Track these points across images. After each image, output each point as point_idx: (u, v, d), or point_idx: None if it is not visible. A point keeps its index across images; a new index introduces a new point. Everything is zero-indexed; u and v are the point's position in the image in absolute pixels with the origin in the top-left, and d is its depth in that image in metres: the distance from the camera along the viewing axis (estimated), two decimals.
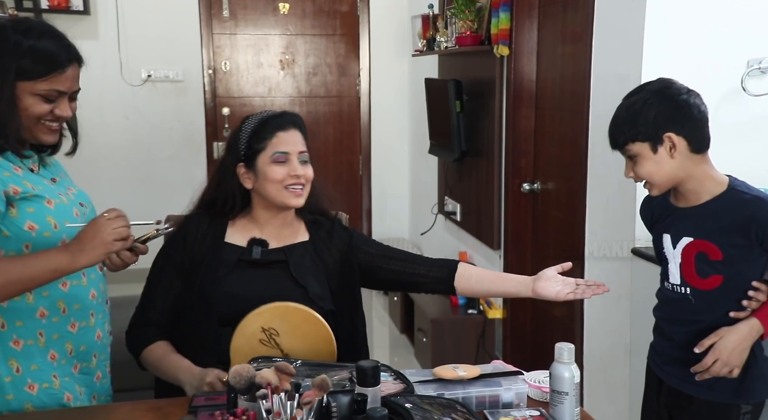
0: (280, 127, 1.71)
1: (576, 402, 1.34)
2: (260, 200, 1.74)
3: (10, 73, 1.38)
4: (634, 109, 1.53)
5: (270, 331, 1.56)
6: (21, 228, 1.40)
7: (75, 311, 1.50)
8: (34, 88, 1.40)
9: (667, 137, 1.51)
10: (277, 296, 1.66)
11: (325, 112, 5.01)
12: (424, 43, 4.10)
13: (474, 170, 3.66)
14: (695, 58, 2.17)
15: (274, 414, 1.12)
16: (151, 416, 1.39)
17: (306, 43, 4.95)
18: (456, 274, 1.79)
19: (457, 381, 1.43)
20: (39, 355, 1.46)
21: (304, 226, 1.81)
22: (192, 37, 4.73)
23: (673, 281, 1.60)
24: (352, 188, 5.11)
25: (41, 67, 1.40)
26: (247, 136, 1.71)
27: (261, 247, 1.72)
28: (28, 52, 1.39)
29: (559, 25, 2.96)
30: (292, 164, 1.69)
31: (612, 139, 1.59)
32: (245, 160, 1.71)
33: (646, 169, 1.54)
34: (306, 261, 1.74)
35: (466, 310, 3.53)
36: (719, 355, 1.51)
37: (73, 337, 1.51)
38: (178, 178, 4.80)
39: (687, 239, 1.57)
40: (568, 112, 2.87)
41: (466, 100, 3.55)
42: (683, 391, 1.61)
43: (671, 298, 1.62)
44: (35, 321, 1.45)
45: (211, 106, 4.84)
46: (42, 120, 1.44)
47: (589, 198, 2.60)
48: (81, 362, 1.54)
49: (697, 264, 1.55)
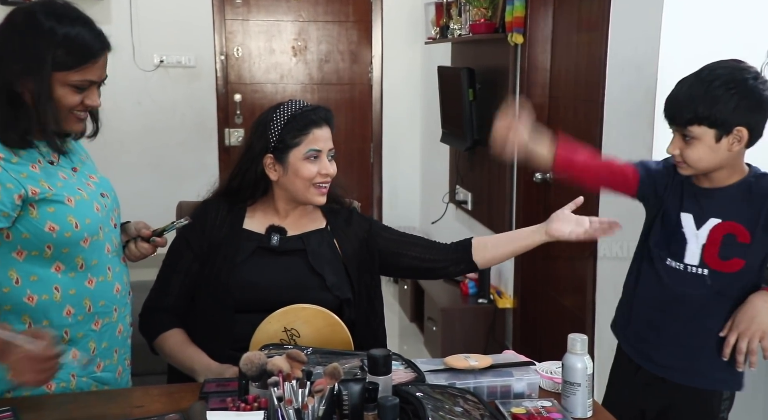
0: (315, 124, 1.68)
1: (588, 393, 1.34)
2: (282, 193, 1.73)
3: (46, 63, 1.34)
4: (715, 94, 1.44)
5: (292, 331, 1.56)
6: (41, 229, 1.38)
7: (100, 308, 1.49)
8: (68, 79, 1.37)
9: (737, 130, 1.46)
10: (295, 284, 1.66)
11: (337, 100, 4.99)
12: (437, 31, 4.07)
13: (486, 159, 3.64)
14: (713, 47, 2.13)
15: (286, 401, 1.12)
16: (163, 401, 1.39)
17: (318, 30, 4.92)
18: (472, 249, 1.79)
19: (469, 371, 1.43)
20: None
21: (321, 213, 1.81)
22: (204, 23, 4.72)
23: (689, 261, 1.56)
24: (363, 176, 5.10)
25: (76, 58, 1.37)
26: (281, 128, 1.68)
27: (279, 235, 1.71)
28: (63, 41, 1.35)
29: (575, 12, 2.92)
30: (322, 162, 1.69)
31: (674, 114, 1.51)
32: (275, 152, 1.68)
33: (698, 154, 1.48)
34: (323, 249, 1.74)
35: (477, 299, 3.53)
36: (736, 328, 1.48)
37: (96, 335, 1.50)
38: (190, 163, 4.80)
39: (715, 221, 1.53)
40: (582, 101, 2.84)
41: (478, 89, 3.52)
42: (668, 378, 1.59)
43: (679, 279, 1.57)
44: (62, 319, 1.44)
45: (223, 93, 4.83)
46: (72, 110, 1.41)
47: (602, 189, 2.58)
48: (104, 360, 1.53)
49: (722, 246, 1.51)
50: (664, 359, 1.59)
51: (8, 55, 1.35)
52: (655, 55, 2.19)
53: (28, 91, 1.36)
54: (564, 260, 3.08)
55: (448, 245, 1.84)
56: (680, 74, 2.21)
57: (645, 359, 1.63)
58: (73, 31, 1.37)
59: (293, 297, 1.61)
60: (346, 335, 1.59)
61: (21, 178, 1.37)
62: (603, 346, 2.56)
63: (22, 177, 1.37)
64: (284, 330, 1.56)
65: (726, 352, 1.50)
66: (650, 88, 2.23)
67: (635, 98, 2.34)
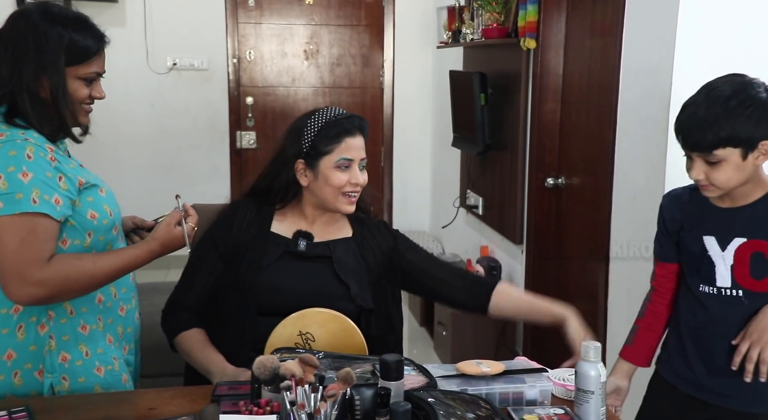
0: (348, 133, 1.68)
1: (602, 401, 1.33)
2: (311, 198, 1.73)
3: (60, 61, 1.41)
4: (735, 114, 1.40)
5: (307, 335, 1.57)
6: (85, 217, 1.45)
7: (123, 295, 1.57)
8: (78, 73, 1.45)
9: (762, 144, 1.42)
10: (319, 291, 1.66)
11: (348, 103, 5.00)
12: (449, 35, 4.06)
13: (497, 164, 3.64)
14: (729, 53, 2.12)
15: (298, 405, 1.12)
16: (176, 403, 1.40)
17: (330, 34, 4.93)
18: (493, 292, 1.78)
19: (481, 377, 1.42)
20: (101, 338, 1.52)
21: (348, 222, 1.81)
22: (217, 26, 4.75)
23: (721, 284, 1.51)
24: (374, 180, 5.04)
25: (84, 52, 1.45)
26: (314, 134, 1.68)
27: (306, 241, 1.71)
28: (71, 39, 1.43)
29: (588, 17, 2.91)
30: (353, 171, 1.69)
31: (697, 141, 1.44)
32: (306, 158, 1.69)
33: (727, 175, 1.44)
34: (349, 257, 1.74)
35: None
36: (748, 337, 1.45)
37: (122, 320, 1.58)
38: (202, 166, 4.83)
39: (740, 240, 1.49)
40: (595, 107, 2.83)
41: (490, 93, 3.52)
42: (722, 405, 1.54)
43: (716, 303, 1.53)
44: (95, 306, 1.51)
45: (235, 95, 4.85)
46: (82, 103, 1.49)
47: (615, 194, 2.57)
48: (128, 344, 1.61)
49: (753, 265, 1.48)
50: (717, 386, 1.54)
51: (23, 59, 1.41)
52: (669, 60, 2.18)
53: (44, 89, 1.42)
54: (576, 261, 3.07)
55: (472, 275, 1.86)
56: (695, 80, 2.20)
57: (706, 392, 1.57)
58: (77, 29, 1.45)
59: (316, 303, 1.61)
60: (361, 340, 1.59)
61: (70, 168, 1.44)
62: (615, 353, 2.55)
63: (71, 167, 1.45)
64: (299, 334, 1.56)
65: (736, 361, 1.47)
66: (664, 94, 2.22)
67: (649, 104, 2.33)
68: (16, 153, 1.35)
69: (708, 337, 1.55)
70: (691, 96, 1.49)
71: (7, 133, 1.38)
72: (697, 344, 1.57)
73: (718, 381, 1.53)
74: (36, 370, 1.45)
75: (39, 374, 1.45)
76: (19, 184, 1.33)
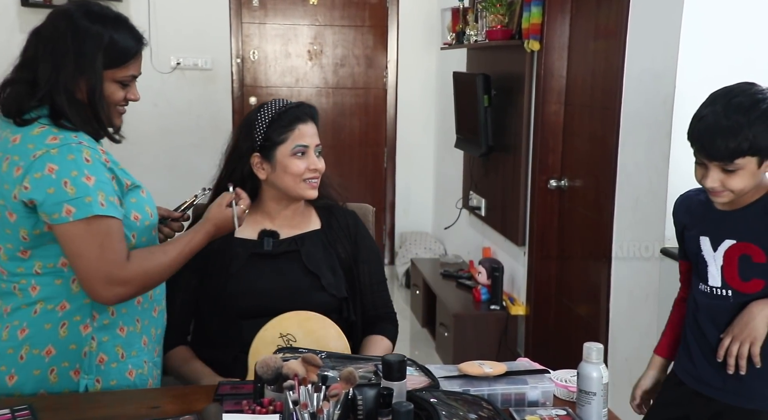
0: (300, 120, 1.70)
1: (604, 403, 1.33)
2: (271, 191, 1.73)
3: (98, 63, 1.40)
4: (758, 123, 1.41)
5: (288, 336, 1.59)
6: (129, 218, 1.45)
7: (157, 296, 1.57)
8: (115, 76, 1.44)
9: None
10: (291, 287, 1.68)
11: (352, 104, 5.01)
12: (453, 37, 4.07)
13: (500, 165, 3.64)
14: (733, 56, 2.13)
15: (301, 405, 1.13)
16: (178, 402, 1.40)
17: (334, 34, 4.94)
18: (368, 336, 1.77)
19: (483, 378, 1.43)
20: (137, 341, 1.52)
21: (315, 213, 1.81)
22: (221, 26, 4.75)
23: (712, 283, 1.56)
24: (377, 181, 5.10)
25: (122, 56, 1.44)
26: (266, 126, 1.69)
27: (272, 239, 1.72)
28: (110, 41, 1.42)
29: (592, 20, 2.92)
30: (310, 158, 1.69)
31: (718, 150, 1.44)
32: (261, 151, 1.69)
33: (743, 182, 1.45)
34: (318, 249, 1.75)
35: (489, 305, 3.52)
36: (731, 332, 1.49)
37: (155, 321, 1.57)
38: (204, 166, 4.75)
39: (729, 242, 1.53)
40: (598, 109, 2.83)
41: (494, 95, 3.52)
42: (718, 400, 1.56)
43: (709, 301, 1.58)
44: (134, 308, 1.51)
45: (239, 95, 4.86)
46: (117, 105, 1.49)
47: (618, 196, 2.57)
48: (158, 345, 1.61)
49: (741, 267, 1.51)
50: (714, 381, 1.57)
51: (62, 59, 1.40)
52: (673, 64, 2.19)
53: (80, 90, 1.41)
54: (578, 262, 3.07)
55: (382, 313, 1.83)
56: (698, 84, 2.20)
57: (704, 385, 1.60)
58: (117, 30, 1.44)
59: (292, 299, 1.63)
60: (337, 332, 1.62)
61: (119, 169, 1.45)
62: (616, 355, 2.55)
63: (120, 169, 1.46)
64: (280, 335, 1.59)
65: (720, 354, 1.51)
66: (668, 97, 2.23)
67: (653, 107, 2.33)
68: (75, 157, 1.35)
69: (705, 334, 1.59)
70: (703, 105, 1.48)
71: (60, 137, 1.37)
72: (698, 340, 1.60)
73: (717, 376, 1.56)
74: (72, 369, 1.45)
75: (75, 374, 1.45)
76: (85, 188, 1.34)
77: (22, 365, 1.42)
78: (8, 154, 1.37)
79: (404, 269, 4.72)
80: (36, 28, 1.44)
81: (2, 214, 1.38)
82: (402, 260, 4.77)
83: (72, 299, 1.43)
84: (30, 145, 1.36)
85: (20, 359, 1.42)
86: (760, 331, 1.46)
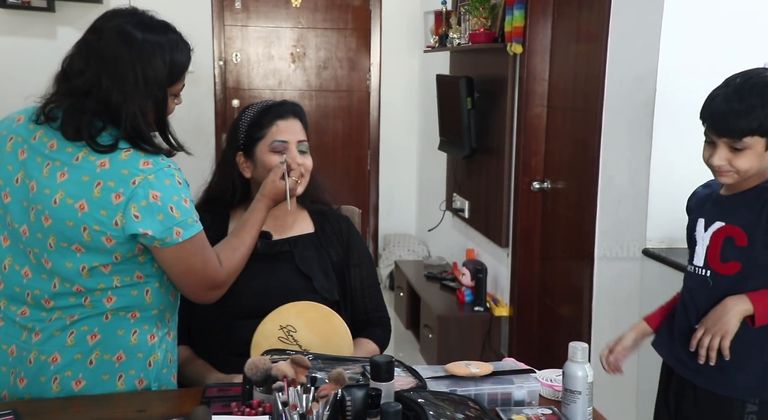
0: (279, 116, 1.70)
1: (589, 401, 1.35)
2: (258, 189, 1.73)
3: (164, 85, 1.42)
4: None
5: (288, 327, 1.58)
6: None
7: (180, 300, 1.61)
8: (173, 90, 1.47)
9: None
10: (283, 287, 1.67)
11: (335, 107, 5.01)
12: (436, 39, 4.09)
13: (484, 167, 3.66)
14: (712, 59, 2.16)
15: (290, 406, 1.13)
16: (167, 405, 1.40)
17: (317, 37, 4.94)
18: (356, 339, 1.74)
19: (469, 378, 1.44)
20: (176, 345, 1.57)
21: (309, 216, 1.81)
22: (204, 28, 4.73)
23: (696, 263, 1.61)
24: (360, 183, 5.11)
25: (182, 70, 1.46)
26: (247, 125, 1.71)
27: (265, 239, 1.72)
28: (171, 60, 1.42)
29: (574, 23, 2.95)
30: (291, 153, 1.69)
31: (729, 127, 1.49)
32: (244, 149, 1.71)
33: (750, 162, 1.50)
34: (311, 252, 1.75)
35: (473, 307, 3.53)
36: (704, 323, 1.53)
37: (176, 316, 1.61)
38: (187, 168, 4.73)
39: (719, 224, 1.57)
40: (580, 112, 2.86)
41: (477, 98, 3.54)
42: (690, 380, 1.62)
43: (693, 281, 1.63)
44: (175, 316, 1.57)
45: (221, 98, 4.84)
46: None
47: (600, 198, 2.60)
48: None
49: (723, 248, 1.55)
50: (692, 363, 1.60)
51: (132, 88, 1.38)
52: (654, 67, 2.22)
53: (151, 113, 1.43)
54: (561, 263, 3.10)
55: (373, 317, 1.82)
56: (679, 86, 2.24)
57: (680, 364, 1.66)
58: (174, 46, 1.45)
59: (285, 300, 1.63)
60: (340, 322, 1.62)
61: None
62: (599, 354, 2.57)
63: None
64: (280, 327, 1.58)
65: (692, 344, 1.55)
66: (649, 99, 2.26)
67: (634, 110, 2.36)
68: (171, 182, 1.39)
69: (688, 317, 1.63)
70: (717, 87, 1.54)
71: (150, 161, 1.38)
72: (679, 321, 1.65)
73: (692, 359, 1.59)
74: (137, 378, 1.46)
75: (139, 383, 1.46)
76: (186, 211, 1.40)
77: (91, 370, 1.43)
78: (98, 178, 1.34)
79: (388, 271, 4.73)
80: (88, 44, 1.39)
81: (96, 238, 1.35)
82: (386, 262, 4.79)
83: (143, 309, 1.45)
84: (124, 171, 1.35)
85: (89, 364, 1.42)
86: (731, 326, 1.51)
